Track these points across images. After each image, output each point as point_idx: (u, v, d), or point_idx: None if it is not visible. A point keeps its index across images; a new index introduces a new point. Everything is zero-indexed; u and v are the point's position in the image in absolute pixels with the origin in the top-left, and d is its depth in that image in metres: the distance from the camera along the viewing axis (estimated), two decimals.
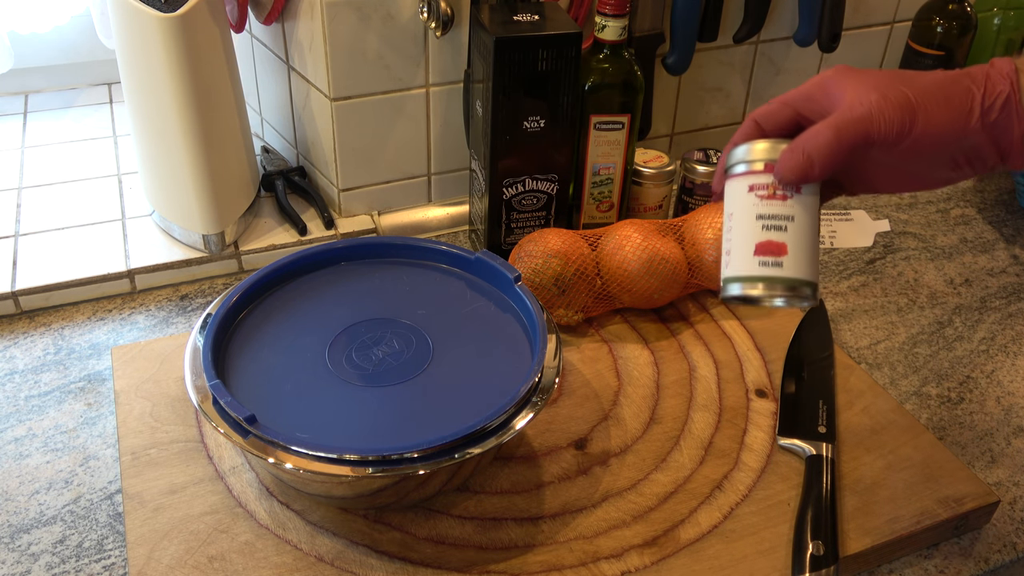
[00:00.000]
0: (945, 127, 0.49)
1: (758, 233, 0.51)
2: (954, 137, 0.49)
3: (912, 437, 0.70)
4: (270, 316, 0.67)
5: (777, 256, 0.51)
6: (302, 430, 0.57)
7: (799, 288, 0.51)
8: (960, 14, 1.03)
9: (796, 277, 0.51)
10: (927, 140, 0.49)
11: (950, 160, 0.51)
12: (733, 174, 0.54)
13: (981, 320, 0.87)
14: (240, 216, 0.88)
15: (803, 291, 0.51)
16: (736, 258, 0.52)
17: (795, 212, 0.51)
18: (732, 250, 0.53)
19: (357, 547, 0.60)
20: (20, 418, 0.71)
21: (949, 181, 0.53)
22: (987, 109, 0.49)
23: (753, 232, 0.52)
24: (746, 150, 0.53)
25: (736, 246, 0.53)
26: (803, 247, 0.51)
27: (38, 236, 0.88)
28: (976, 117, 0.49)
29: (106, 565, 0.60)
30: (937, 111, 0.49)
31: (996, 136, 0.50)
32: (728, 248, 0.53)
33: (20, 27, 1.05)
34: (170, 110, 0.79)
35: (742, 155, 0.53)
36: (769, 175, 0.52)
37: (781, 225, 0.51)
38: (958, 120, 0.49)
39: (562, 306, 0.78)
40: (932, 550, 0.64)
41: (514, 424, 0.58)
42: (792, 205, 0.51)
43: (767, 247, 0.51)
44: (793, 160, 0.50)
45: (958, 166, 0.51)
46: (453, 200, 0.97)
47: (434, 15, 0.82)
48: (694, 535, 0.62)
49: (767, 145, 0.52)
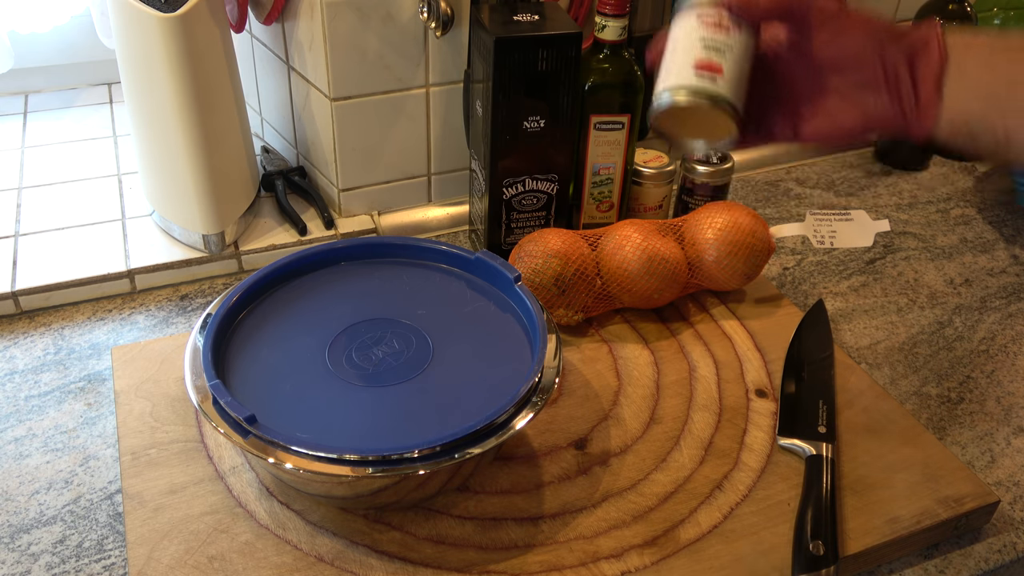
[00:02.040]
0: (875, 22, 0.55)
1: (699, 52, 0.54)
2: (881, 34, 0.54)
3: (912, 437, 0.70)
4: (270, 316, 0.67)
5: (713, 73, 0.54)
6: (302, 430, 0.57)
7: (727, 107, 0.54)
8: (960, 14, 1.03)
9: (726, 95, 0.54)
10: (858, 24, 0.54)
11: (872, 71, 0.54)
12: (681, 10, 0.57)
13: (981, 320, 0.87)
14: (240, 216, 0.89)
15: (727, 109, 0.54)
16: (674, 72, 0.55)
17: (735, 44, 0.55)
18: (671, 67, 0.55)
19: (357, 547, 0.60)
20: (20, 418, 0.71)
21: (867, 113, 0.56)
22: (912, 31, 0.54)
23: (695, 50, 0.55)
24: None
25: (676, 63, 0.55)
26: (736, 76, 0.54)
27: (38, 236, 0.88)
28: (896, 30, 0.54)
29: (106, 565, 0.60)
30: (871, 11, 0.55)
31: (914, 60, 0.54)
32: (667, 67, 0.56)
33: (20, 27, 1.05)
34: (170, 110, 0.79)
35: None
36: (717, 8, 0.55)
37: (721, 49, 0.54)
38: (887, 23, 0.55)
39: (562, 306, 0.78)
40: (932, 550, 0.64)
41: (514, 424, 0.58)
42: (733, 37, 0.55)
43: (706, 64, 0.54)
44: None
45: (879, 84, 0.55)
46: (453, 200, 0.97)
47: (434, 15, 0.82)
48: (694, 535, 0.62)
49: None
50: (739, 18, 0.55)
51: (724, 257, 0.79)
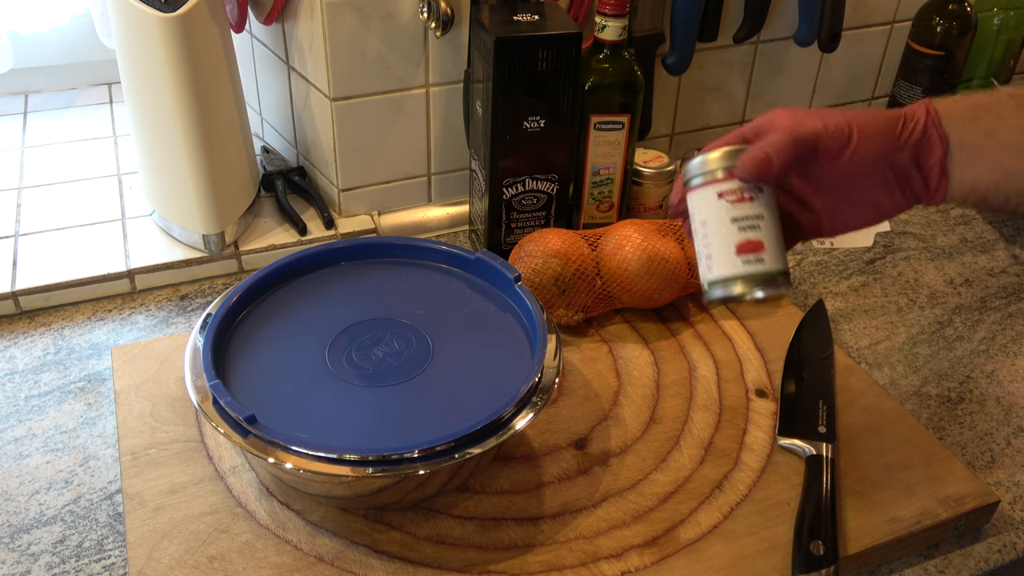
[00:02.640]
0: (877, 139, 0.56)
1: (736, 234, 0.55)
2: (886, 149, 0.56)
3: (912, 437, 0.70)
4: (270, 316, 0.67)
5: (758, 253, 0.55)
6: (302, 430, 0.57)
7: (778, 278, 0.55)
8: (960, 14, 1.03)
9: (775, 269, 0.55)
10: (864, 150, 0.56)
11: (884, 180, 0.57)
12: (694, 186, 0.57)
13: (981, 320, 0.87)
14: (240, 216, 0.89)
15: (780, 280, 0.56)
16: (718, 261, 0.56)
17: (763, 211, 0.56)
18: (713, 255, 0.56)
19: (357, 547, 0.60)
20: (20, 418, 0.71)
21: (884, 210, 0.59)
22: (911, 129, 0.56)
23: (732, 234, 0.55)
24: (702, 161, 0.57)
25: (716, 250, 0.56)
26: (775, 241, 0.56)
27: (38, 236, 0.88)
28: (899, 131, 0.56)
29: (106, 565, 0.60)
30: (870, 128, 0.56)
31: (919, 157, 0.57)
32: (708, 253, 0.57)
33: (20, 27, 1.05)
34: (170, 110, 0.79)
35: (700, 166, 0.57)
36: (734, 180, 0.56)
37: (755, 224, 0.55)
38: (887, 134, 0.56)
39: (562, 306, 0.78)
40: (932, 550, 0.64)
41: (514, 424, 0.58)
42: (759, 205, 0.56)
43: (747, 246, 0.55)
44: (755, 158, 0.55)
45: (891, 188, 0.58)
46: (453, 200, 0.97)
47: (434, 15, 0.82)
48: (694, 535, 0.62)
49: (722, 153, 0.56)
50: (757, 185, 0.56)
51: None
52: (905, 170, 0.57)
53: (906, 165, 0.57)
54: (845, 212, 0.59)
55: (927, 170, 0.57)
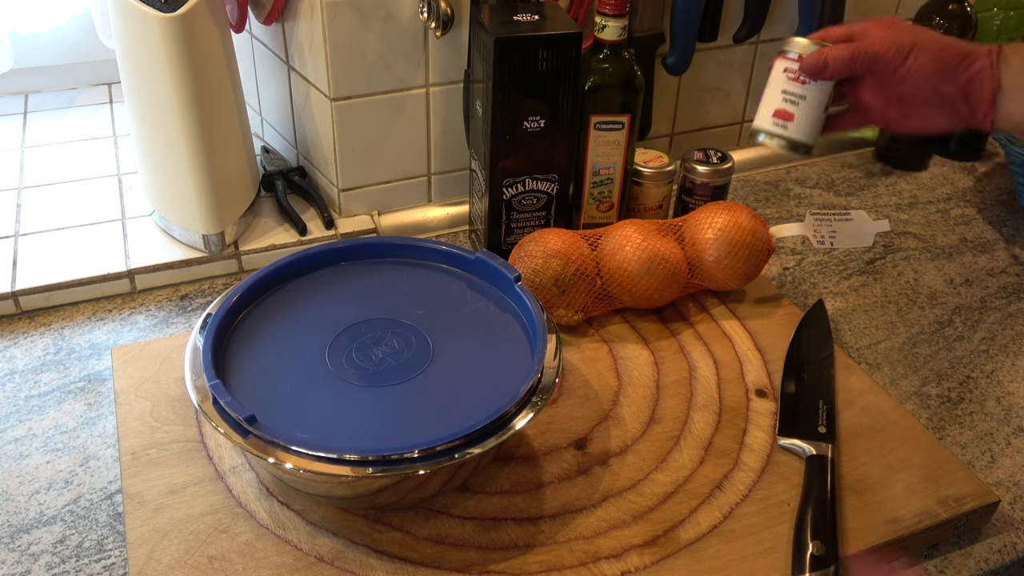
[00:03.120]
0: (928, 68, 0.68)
1: (779, 102, 0.72)
2: (934, 79, 0.68)
3: (912, 437, 0.70)
4: (270, 316, 0.67)
5: (787, 121, 0.72)
6: (302, 430, 0.57)
7: (797, 145, 0.72)
8: (960, 14, 1.03)
9: (795, 139, 0.72)
10: (914, 73, 0.68)
11: (930, 99, 0.69)
12: (780, 53, 0.73)
13: (981, 320, 0.87)
14: (240, 216, 0.89)
15: (799, 147, 0.72)
16: (761, 114, 0.74)
17: (807, 94, 0.71)
18: (761, 108, 0.74)
19: (357, 547, 0.60)
20: (20, 418, 0.71)
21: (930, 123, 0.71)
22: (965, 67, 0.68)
23: (776, 100, 0.72)
24: (794, 42, 0.71)
25: (763, 106, 0.73)
26: (805, 118, 0.71)
27: (38, 236, 0.88)
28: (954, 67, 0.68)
29: (106, 565, 0.60)
30: (929, 55, 0.68)
31: (968, 91, 0.68)
32: (762, 104, 0.74)
33: (20, 27, 1.05)
34: (170, 110, 0.79)
35: (790, 44, 0.72)
36: (798, 63, 0.71)
37: (796, 101, 0.71)
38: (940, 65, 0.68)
39: (562, 306, 0.78)
40: (932, 550, 0.64)
41: (514, 424, 0.58)
42: (807, 89, 0.71)
43: (781, 113, 0.72)
44: (815, 59, 0.70)
45: (940, 108, 0.69)
46: (453, 200, 0.97)
47: (434, 15, 0.82)
48: (694, 535, 0.62)
49: (806, 42, 0.71)
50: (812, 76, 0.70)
51: (724, 257, 0.79)
52: (952, 99, 0.68)
53: (953, 95, 0.68)
54: (906, 116, 0.71)
55: (975, 102, 0.68)
